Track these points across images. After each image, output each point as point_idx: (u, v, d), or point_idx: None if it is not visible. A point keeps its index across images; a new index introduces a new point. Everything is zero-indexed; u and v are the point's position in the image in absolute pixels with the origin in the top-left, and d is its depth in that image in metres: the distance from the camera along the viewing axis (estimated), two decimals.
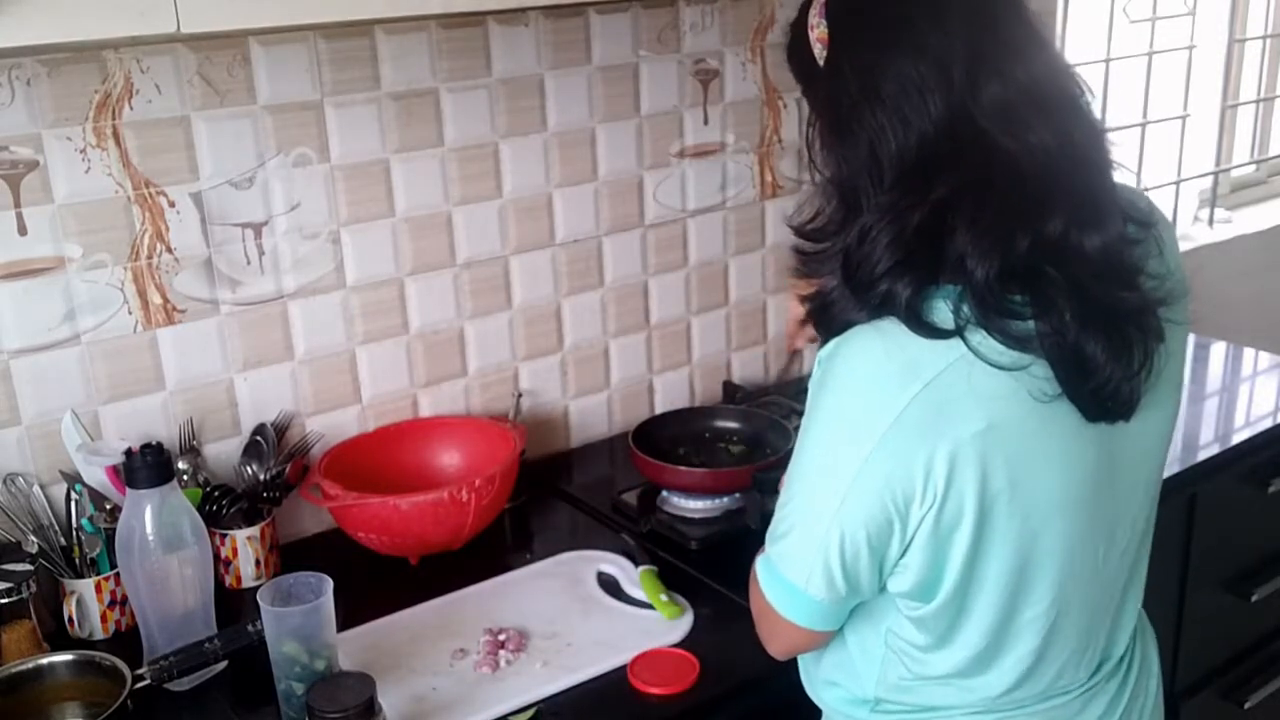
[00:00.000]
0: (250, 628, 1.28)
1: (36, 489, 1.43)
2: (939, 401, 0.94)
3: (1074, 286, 0.93)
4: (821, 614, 1.05)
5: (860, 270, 0.96)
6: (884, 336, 0.96)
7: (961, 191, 0.93)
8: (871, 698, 1.12)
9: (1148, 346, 0.98)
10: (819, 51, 1.01)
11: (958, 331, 0.94)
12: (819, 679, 1.18)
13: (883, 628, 1.09)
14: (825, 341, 1.01)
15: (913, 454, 0.94)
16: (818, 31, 1.01)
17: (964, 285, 0.94)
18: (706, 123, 1.92)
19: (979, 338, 0.94)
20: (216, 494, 1.51)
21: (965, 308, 0.94)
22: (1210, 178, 3.05)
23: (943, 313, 0.95)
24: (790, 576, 1.04)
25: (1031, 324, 0.94)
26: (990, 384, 0.94)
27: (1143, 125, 2.84)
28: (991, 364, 0.94)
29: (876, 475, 0.96)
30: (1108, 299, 0.95)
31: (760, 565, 1.09)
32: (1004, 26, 0.96)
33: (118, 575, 1.38)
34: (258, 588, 1.26)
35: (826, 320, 1.01)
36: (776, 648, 1.14)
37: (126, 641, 1.38)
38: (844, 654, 1.13)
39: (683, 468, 1.64)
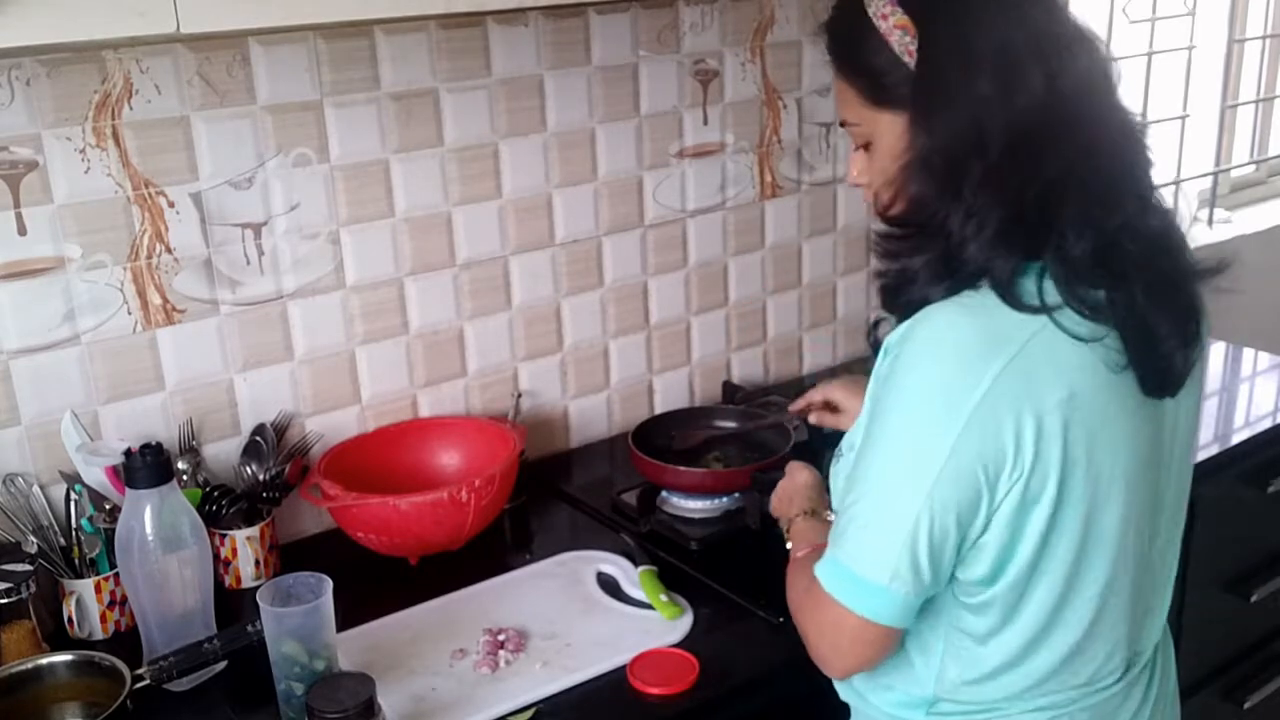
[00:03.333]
0: (250, 628, 1.28)
1: (36, 489, 1.43)
2: (1026, 370, 0.95)
3: (1145, 261, 0.99)
4: (907, 609, 1.02)
5: (965, 245, 0.97)
6: (966, 310, 0.98)
7: (1071, 168, 0.96)
8: (931, 697, 1.11)
9: (1198, 318, 1.04)
10: (899, 38, 1.01)
11: (1044, 308, 0.97)
12: (873, 683, 1.15)
13: (942, 624, 1.08)
14: (899, 320, 1.02)
15: (1003, 424, 0.95)
16: (894, 20, 1.01)
17: (1052, 260, 0.97)
18: (706, 123, 1.92)
19: (1060, 310, 0.97)
20: (216, 494, 1.50)
21: (1046, 283, 0.97)
22: (1210, 178, 3.05)
23: (1028, 288, 0.98)
24: (871, 575, 1.00)
25: (1103, 295, 0.98)
26: (1070, 354, 0.97)
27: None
28: (1071, 335, 0.97)
29: (969, 450, 0.96)
30: (1173, 273, 1.01)
31: (826, 573, 1.04)
32: (1065, 9, 1.02)
33: (117, 575, 1.38)
34: (257, 588, 1.26)
35: (901, 299, 1.02)
36: (849, 662, 1.07)
37: (126, 642, 1.38)
38: (901, 655, 1.11)
39: (683, 468, 1.64)
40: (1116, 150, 1.01)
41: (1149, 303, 0.99)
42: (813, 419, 1.55)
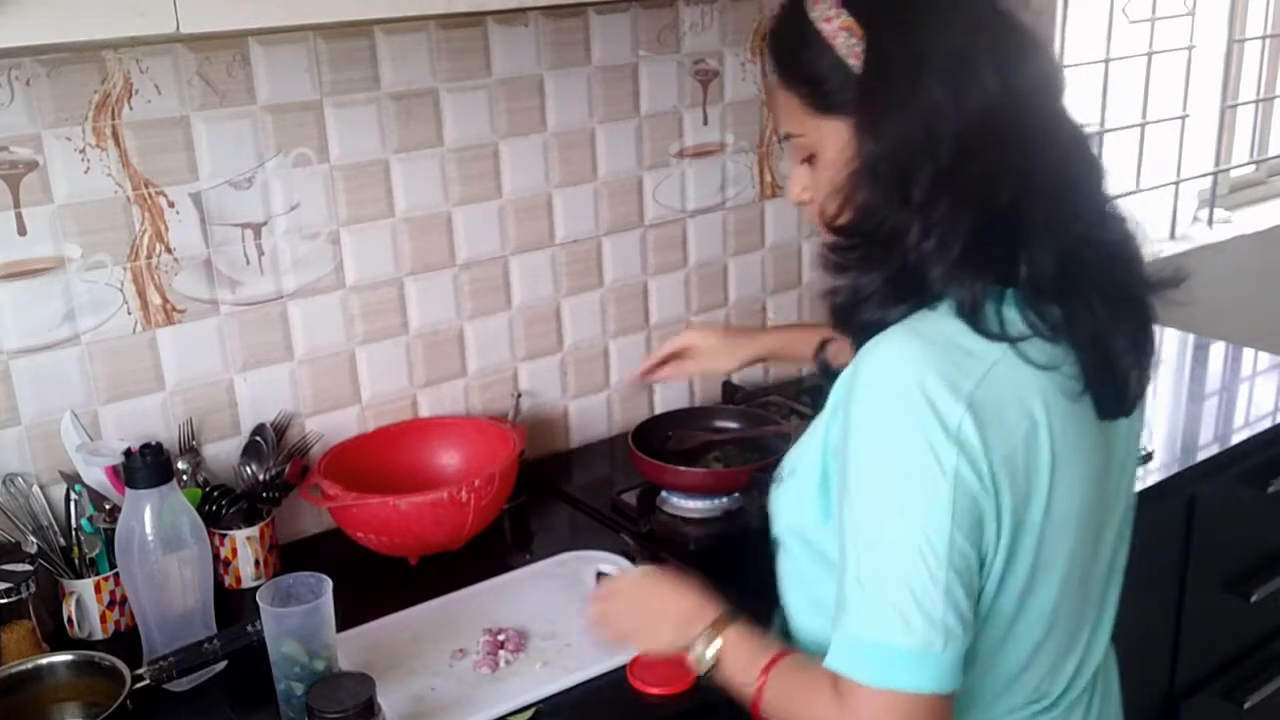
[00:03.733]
0: (250, 628, 1.28)
1: (36, 489, 1.43)
2: (990, 401, 0.91)
3: (1101, 273, 0.96)
4: (957, 665, 0.92)
5: (923, 265, 0.93)
6: (923, 339, 0.93)
7: (1029, 173, 0.93)
8: None
9: (1151, 333, 1.01)
10: (845, 40, 0.97)
11: (1001, 328, 0.93)
12: None
13: None
14: (857, 342, 0.97)
15: (980, 457, 0.90)
16: (838, 22, 0.98)
17: (1020, 280, 0.94)
18: (706, 123, 1.92)
19: (1021, 334, 0.94)
20: (216, 494, 1.50)
21: (1006, 307, 0.94)
22: (1210, 178, 3.05)
23: (990, 313, 0.94)
24: (916, 643, 0.90)
25: (1061, 311, 0.94)
26: (1031, 383, 0.94)
27: (1142, 125, 2.84)
28: (1032, 363, 0.93)
29: (964, 482, 0.90)
30: (1129, 285, 0.98)
31: (856, 662, 0.92)
32: (1018, 17, 0.98)
33: (117, 575, 1.38)
34: (257, 588, 1.26)
35: (856, 320, 0.98)
36: None
37: (126, 642, 1.38)
38: None
39: (683, 468, 1.64)
40: (1069, 157, 0.97)
41: (1107, 318, 0.96)
42: (666, 373, 1.48)
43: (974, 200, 0.92)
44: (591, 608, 1.21)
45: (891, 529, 0.92)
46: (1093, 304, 0.95)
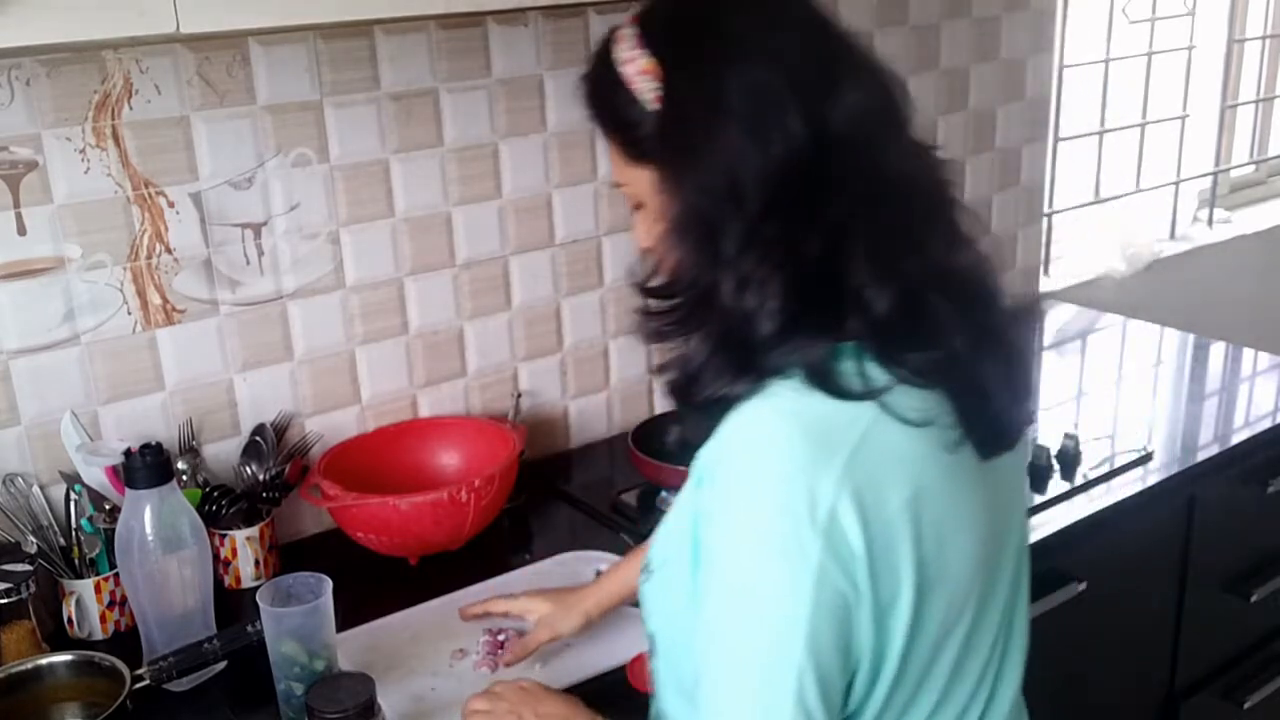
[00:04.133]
0: (249, 628, 1.28)
1: (36, 489, 1.43)
2: (866, 474, 0.83)
3: (959, 310, 0.88)
4: None
5: (747, 328, 0.85)
6: (782, 413, 0.85)
7: (850, 215, 0.85)
8: None
9: (1026, 365, 0.94)
10: (645, 84, 0.89)
11: (865, 389, 0.85)
12: None
13: None
14: (695, 426, 0.89)
15: (850, 535, 0.82)
16: (638, 65, 0.90)
17: (858, 328, 0.85)
18: None
19: (888, 389, 0.86)
20: (216, 494, 1.50)
21: (868, 362, 0.86)
22: (1209, 178, 3.05)
23: (847, 370, 0.86)
24: None
25: (928, 356, 0.87)
26: (907, 444, 0.86)
27: (1142, 125, 2.84)
28: (905, 420, 0.85)
29: (830, 574, 0.82)
30: (989, 319, 0.91)
31: None
32: (841, 36, 0.90)
33: (117, 576, 1.38)
34: (257, 588, 1.26)
35: (698, 393, 0.89)
36: None
37: (126, 642, 1.38)
38: None
39: (683, 468, 1.63)
40: (909, 189, 0.88)
41: (974, 355, 0.88)
42: (513, 653, 1.32)
43: (784, 253, 0.84)
44: (470, 705, 1.16)
45: (743, 633, 0.85)
46: (954, 343, 0.87)
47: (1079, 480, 1.69)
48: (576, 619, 1.33)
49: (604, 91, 0.94)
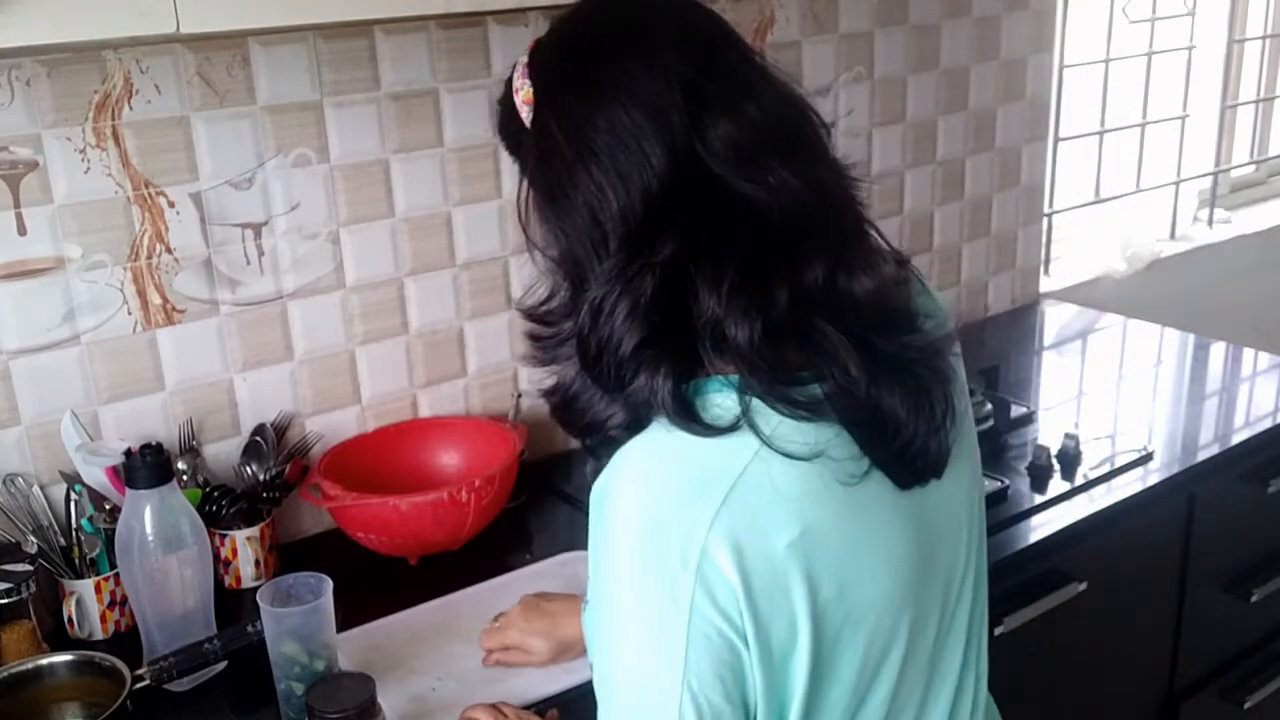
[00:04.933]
0: (250, 628, 1.28)
1: (36, 489, 1.43)
2: (746, 511, 0.81)
3: (853, 338, 0.84)
4: None
5: (604, 357, 0.84)
6: (660, 448, 0.84)
7: (695, 246, 0.82)
8: None
9: (945, 389, 0.89)
10: (526, 114, 0.90)
11: (739, 423, 0.82)
12: None
13: None
14: (585, 443, 0.91)
15: (729, 580, 0.80)
16: (523, 94, 0.90)
17: (736, 364, 0.83)
18: None
19: (770, 426, 0.82)
20: (216, 494, 1.50)
21: (745, 397, 0.83)
22: (1210, 178, 3.05)
23: (722, 404, 0.83)
24: None
25: (817, 388, 0.84)
26: (794, 481, 0.82)
27: (1142, 126, 2.84)
28: (790, 455, 0.82)
29: (706, 614, 0.81)
30: (892, 345, 0.86)
31: None
32: (725, 63, 0.86)
33: (117, 576, 1.38)
34: (257, 588, 1.26)
35: (575, 420, 0.90)
36: None
37: (126, 642, 1.38)
38: None
39: None
40: (792, 215, 0.83)
41: (874, 384, 0.84)
42: (494, 660, 1.33)
43: (625, 285, 0.83)
44: (472, 715, 1.16)
45: (623, 671, 0.85)
46: (850, 372, 0.83)
47: (1079, 480, 1.69)
48: (555, 654, 1.32)
49: (504, 111, 0.94)
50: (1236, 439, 1.84)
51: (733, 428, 0.82)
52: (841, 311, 0.84)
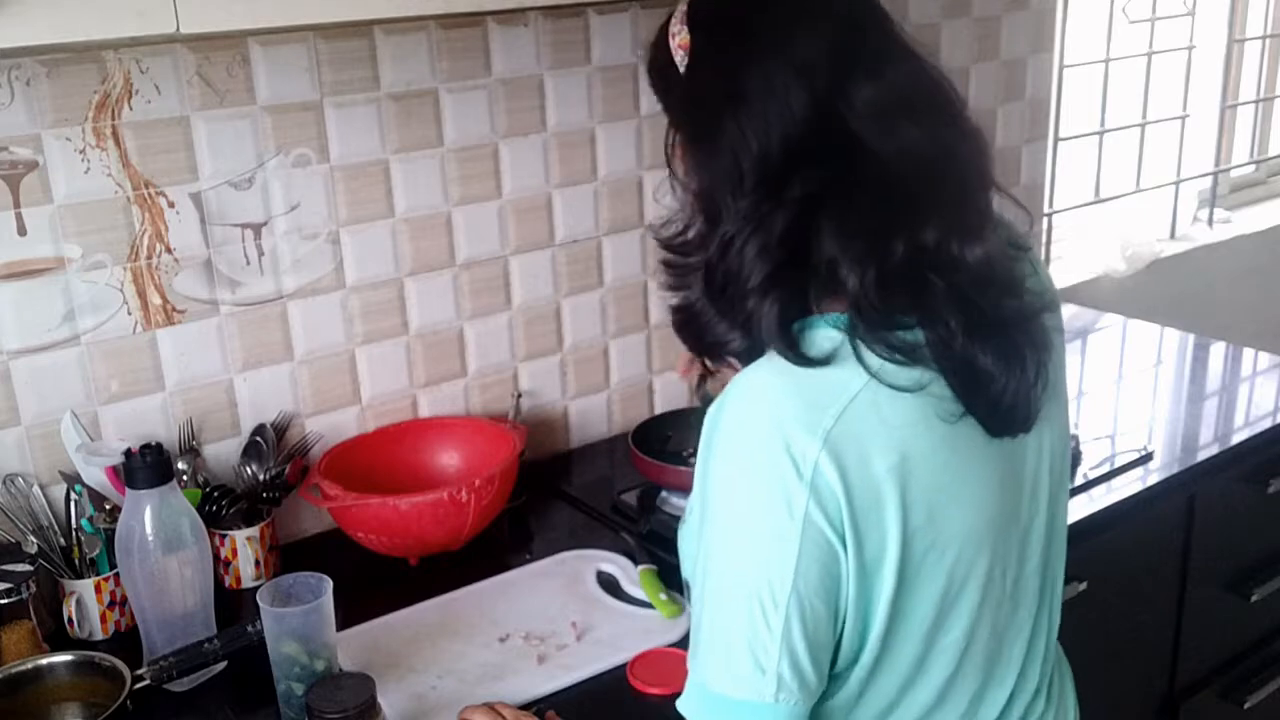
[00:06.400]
0: (250, 628, 1.28)
1: (36, 489, 1.43)
2: (852, 435, 0.87)
3: (958, 295, 0.89)
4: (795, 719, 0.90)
5: (728, 286, 0.91)
6: (778, 372, 0.90)
7: (824, 191, 0.89)
8: None
9: (1039, 355, 0.94)
10: (680, 59, 0.97)
11: (834, 357, 0.88)
12: None
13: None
14: (701, 358, 0.98)
15: (836, 495, 0.86)
16: (679, 39, 0.97)
17: (823, 298, 0.90)
18: None
19: (877, 362, 0.88)
20: (216, 494, 1.50)
21: (852, 336, 0.89)
22: (1210, 178, 3.05)
23: (826, 339, 0.90)
24: (751, 695, 0.89)
25: (919, 333, 0.89)
26: (899, 411, 0.89)
27: (1142, 125, 2.84)
28: (896, 388, 0.88)
29: (816, 524, 0.87)
30: (993, 308, 0.91)
31: (695, 708, 0.92)
32: (873, 32, 0.94)
33: (117, 576, 1.38)
34: (257, 588, 1.26)
35: (694, 336, 0.96)
36: None
37: (126, 642, 1.38)
38: None
39: (683, 468, 1.64)
40: (918, 174, 0.90)
41: (970, 340, 0.89)
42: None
43: (756, 225, 0.89)
44: (470, 715, 1.17)
45: (734, 573, 0.90)
46: (950, 326, 0.89)
47: (1079, 480, 1.69)
48: None
49: (656, 57, 1.00)
50: (1236, 439, 1.84)
51: (827, 360, 0.89)
52: (951, 271, 0.89)
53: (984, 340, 0.90)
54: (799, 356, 0.89)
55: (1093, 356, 2.30)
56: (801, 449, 0.86)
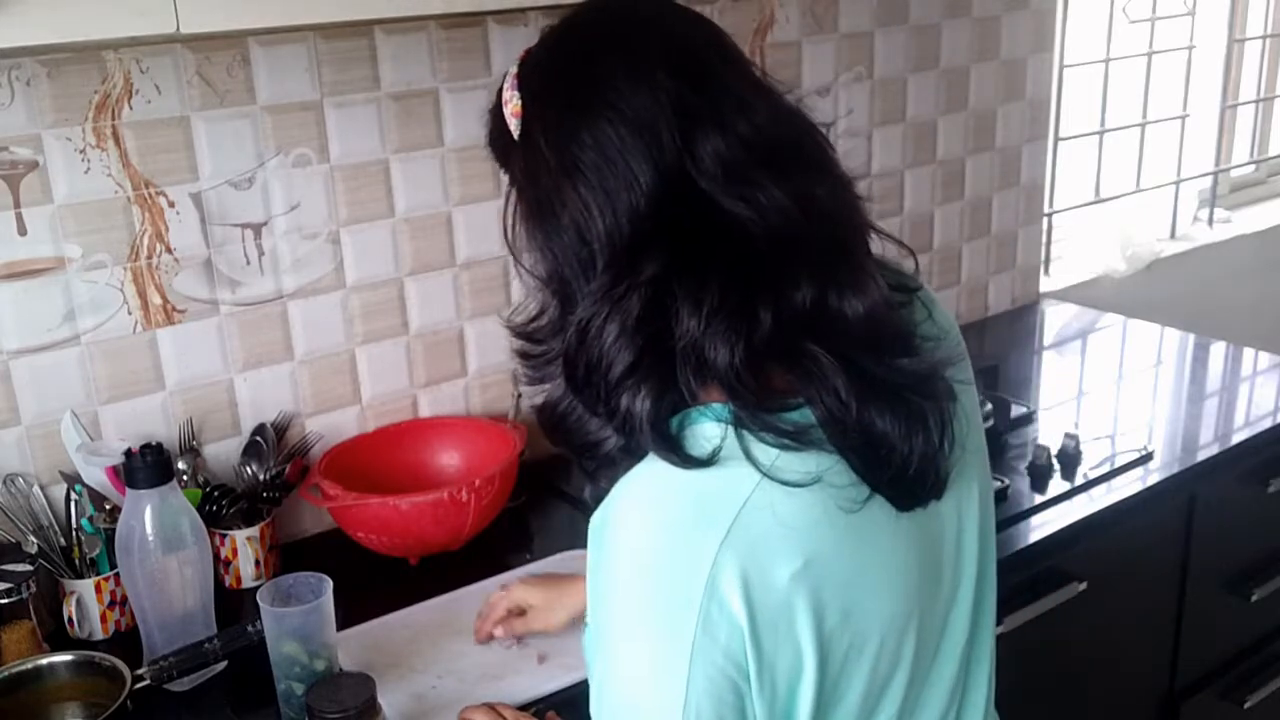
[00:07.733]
0: (250, 628, 1.28)
1: (36, 489, 1.43)
2: (748, 542, 0.79)
3: (843, 360, 0.81)
4: None
5: (592, 378, 0.82)
6: (660, 482, 0.82)
7: (677, 266, 0.80)
8: None
9: (943, 414, 0.85)
10: (515, 126, 0.87)
11: (718, 456, 0.80)
12: None
13: None
14: (582, 466, 0.89)
15: (735, 612, 0.79)
16: (511, 105, 0.87)
17: (721, 390, 0.80)
18: None
19: (769, 456, 0.80)
20: (216, 494, 1.50)
21: (739, 425, 0.81)
22: (1210, 178, 3.05)
23: (707, 437, 0.81)
24: None
25: (807, 412, 0.81)
26: (796, 510, 0.80)
27: (1142, 125, 2.84)
28: (790, 484, 0.80)
29: (711, 650, 0.79)
30: (884, 369, 0.83)
31: None
32: (719, 78, 0.84)
33: (117, 575, 1.38)
34: (257, 588, 1.26)
35: (564, 438, 0.88)
36: None
37: (126, 642, 1.38)
38: None
39: None
40: (780, 231, 0.81)
41: (864, 407, 0.81)
42: (500, 634, 1.34)
43: (628, 308, 0.80)
44: (470, 715, 1.16)
45: (621, 704, 0.84)
46: (840, 396, 0.80)
47: (1079, 480, 1.69)
48: (563, 616, 1.32)
49: (494, 122, 0.91)
50: (1236, 439, 1.84)
51: (712, 459, 0.80)
52: (832, 333, 0.82)
53: (879, 407, 0.81)
54: (682, 458, 0.81)
55: (1093, 356, 2.30)
56: (689, 569, 0.79)
